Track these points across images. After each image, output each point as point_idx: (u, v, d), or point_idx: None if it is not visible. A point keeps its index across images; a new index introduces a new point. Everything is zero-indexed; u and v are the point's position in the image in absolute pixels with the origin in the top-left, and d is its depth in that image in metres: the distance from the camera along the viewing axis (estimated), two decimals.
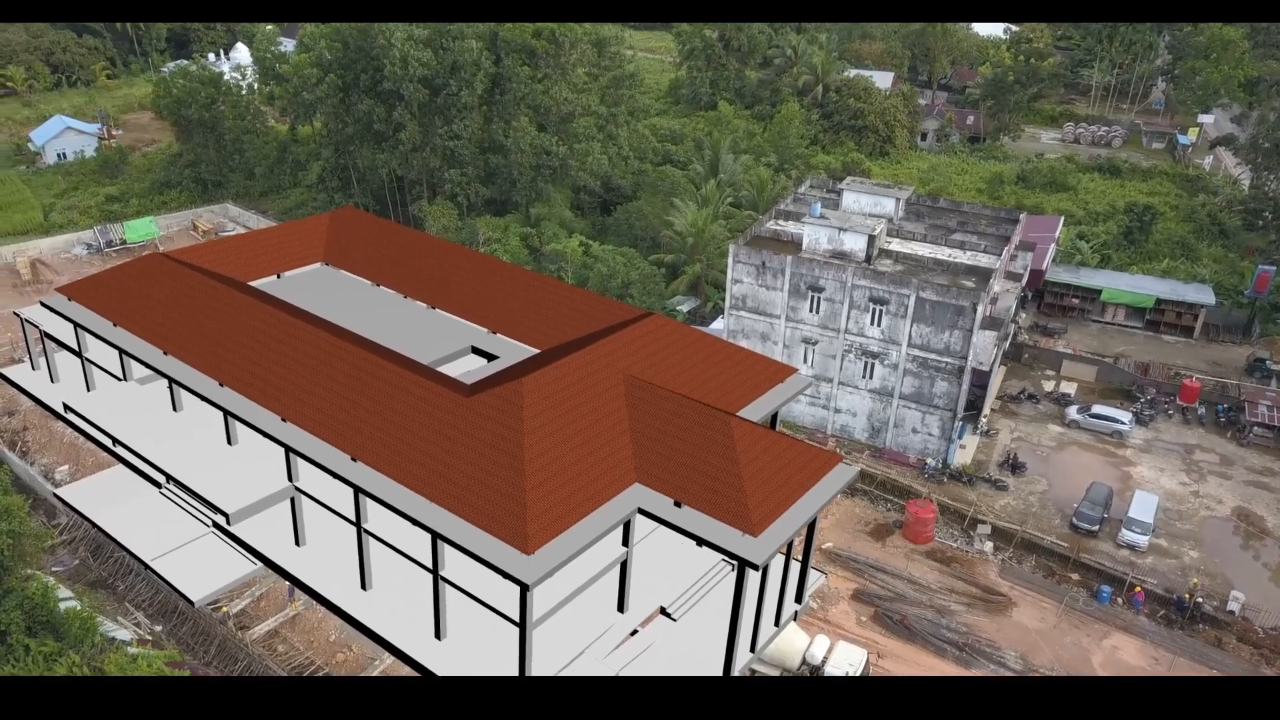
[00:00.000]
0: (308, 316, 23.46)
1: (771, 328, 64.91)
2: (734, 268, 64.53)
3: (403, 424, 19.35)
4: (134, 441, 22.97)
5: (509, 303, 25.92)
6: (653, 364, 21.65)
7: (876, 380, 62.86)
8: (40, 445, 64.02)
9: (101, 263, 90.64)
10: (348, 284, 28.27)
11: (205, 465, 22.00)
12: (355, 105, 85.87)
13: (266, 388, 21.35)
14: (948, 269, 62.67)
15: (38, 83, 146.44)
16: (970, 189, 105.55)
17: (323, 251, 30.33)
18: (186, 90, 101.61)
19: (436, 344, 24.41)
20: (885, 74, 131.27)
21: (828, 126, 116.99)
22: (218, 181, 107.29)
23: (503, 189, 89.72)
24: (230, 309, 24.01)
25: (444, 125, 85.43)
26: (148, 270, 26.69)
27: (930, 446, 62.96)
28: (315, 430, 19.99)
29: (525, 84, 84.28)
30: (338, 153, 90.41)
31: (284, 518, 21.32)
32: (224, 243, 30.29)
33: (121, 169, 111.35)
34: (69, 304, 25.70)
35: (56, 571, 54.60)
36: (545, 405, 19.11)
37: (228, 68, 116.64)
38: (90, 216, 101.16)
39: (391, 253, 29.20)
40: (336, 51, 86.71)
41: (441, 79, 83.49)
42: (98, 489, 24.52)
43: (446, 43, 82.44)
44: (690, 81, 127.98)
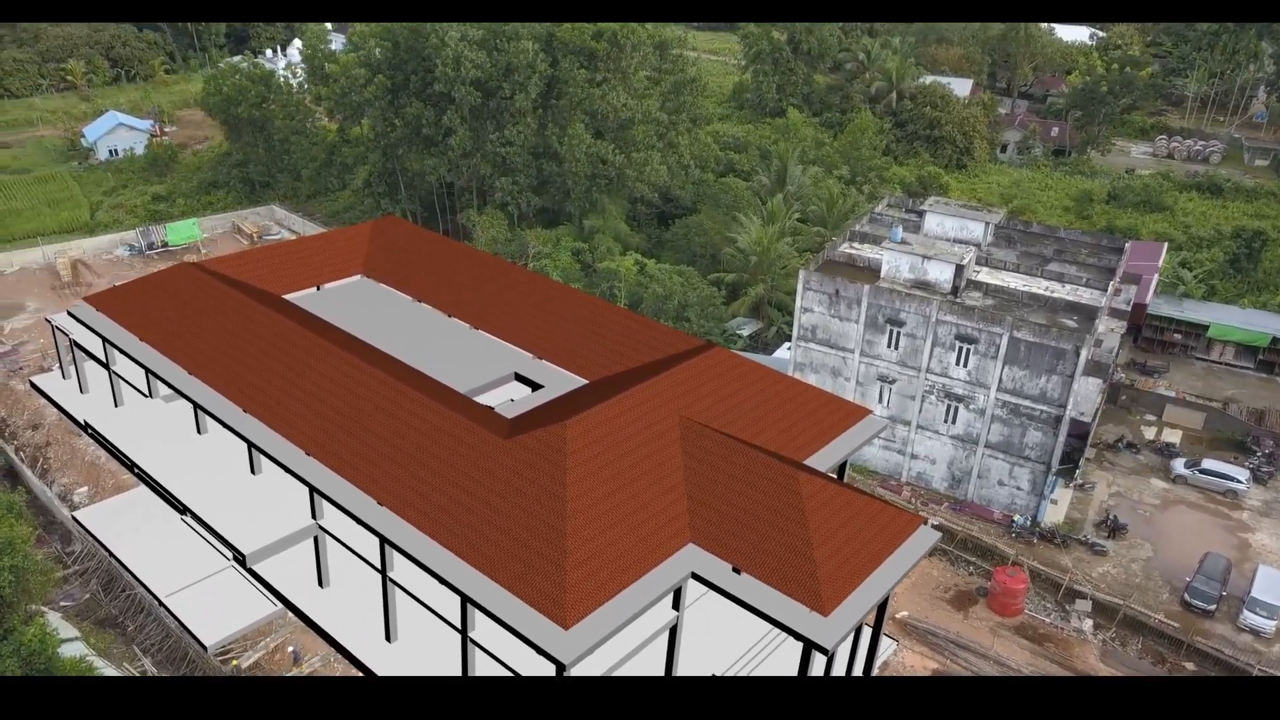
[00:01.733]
0: (340, 338, 22.22)
1: (844, 363, 58.96)
2: (804, 295, 58.72)
3: (435, 467, 18.06)
4: (153, 466, 21.85)
5: (557, 326, 24.37)
6: (712, 404, 20.03)
7: (960, 426, 56.55)
8: (61, 463, 60.80)
9: (143, 265, 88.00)
10: (387, 299, 27.04)
11: (225, 496, 20.75)
12: (404, 108, 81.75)
13: (292, 417, 20.09)
14: (1045, 305, 56.07)
15: (96, 77, 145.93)
16: (1056, 207, 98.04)
17: (362, 263, 29.03)
18: (236, 88, 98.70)
19: (477, 369, 23.12)
20: (963, 81, 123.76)
21: (901, 136, 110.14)
22: (265, 182, 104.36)
23: (555, 198, 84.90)
24: (258, 327, 22.82)
25: (495, 131, 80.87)
26: (177, 281, 25.56)
27: (1018, 501, 56.46)
28: (341, 469, 18.65)
29: (582, 88, 79.32)
30: (385, 157, 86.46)
31: (308, 555, 19.92)
32: (261, 252, 29.34)
33: (170, 167, 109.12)
34: (96, 314, 24.71)
35: (65, 606, 51.06)
36: (591, 452, 17.63)
37: (281, 65, 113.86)
38: (136, 216, 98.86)
39: (434, 267, 27.85)
40: (386, 51, 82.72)
41: (494, 82, 78.93)
42: (116, 513, 23.68)
43: (501, 43, 77.82)
44: (755, 86, 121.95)
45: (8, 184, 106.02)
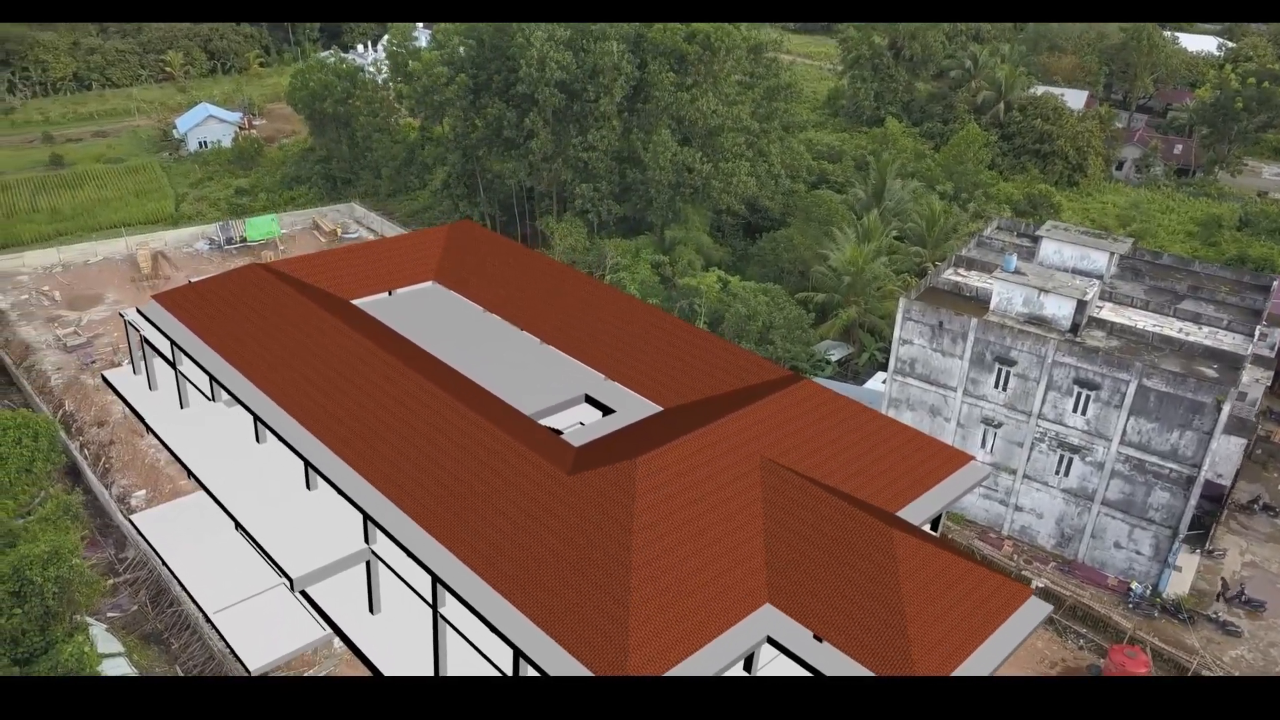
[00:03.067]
0: (404, 352, 21.58)
1: (945, 401, 53.68)
2: (903, 326, 53.64)
3: (494, 500, 17.15)
4: (209, 475, 21.50)
5: (632, 346, 23.26)
6: (797, 445, 18.64)
7: (1074, 479, 50.76)
8: (123, 464, 59.58)
9: (221, 261, 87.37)
10: (457, 309, 26.40)
11: (278, 512, 20.00)
12: (486, 108, 79.07)
13: (350, 436, 19.38)
14: (1180, 350, 49.88)
15: (194, 69, 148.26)
16: (1178, 232, 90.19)
17: (435, 269, 28.28)
18: (322, 84, 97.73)
19: (546, 389, 22.20)
20: (1078, 92, 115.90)
21: (1008, 150, 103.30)
22: (347, 179, 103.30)
23: (637, 207, 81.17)
24: (323, 337, 22.20)
25: (578, 135, 77.52)
26: (246, 283, 25.08)
27: (1138, 567, 50.40)
28: (395, 495, 17.90)
29: (669, 92, 75.36)
30: (465, 158, 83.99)
31: (360, 578, 19.15)
32: (334, 254, 28.78)
33: (255, 161, 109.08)
34: (164, 313, 24.51)
35: (113, 618, 49.42)
36: (662, 494, 16.46)
37: (369, 61, 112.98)
38: (218, 209, 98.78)
39: (507, 276, 27.04)
40: (470, 50, 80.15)
41: (579, 84, 75.56)
42: (173, 518, 23.38)
43: (587, 44, 74.40)
44: (852, 92, 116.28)
45: (100, 173, 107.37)
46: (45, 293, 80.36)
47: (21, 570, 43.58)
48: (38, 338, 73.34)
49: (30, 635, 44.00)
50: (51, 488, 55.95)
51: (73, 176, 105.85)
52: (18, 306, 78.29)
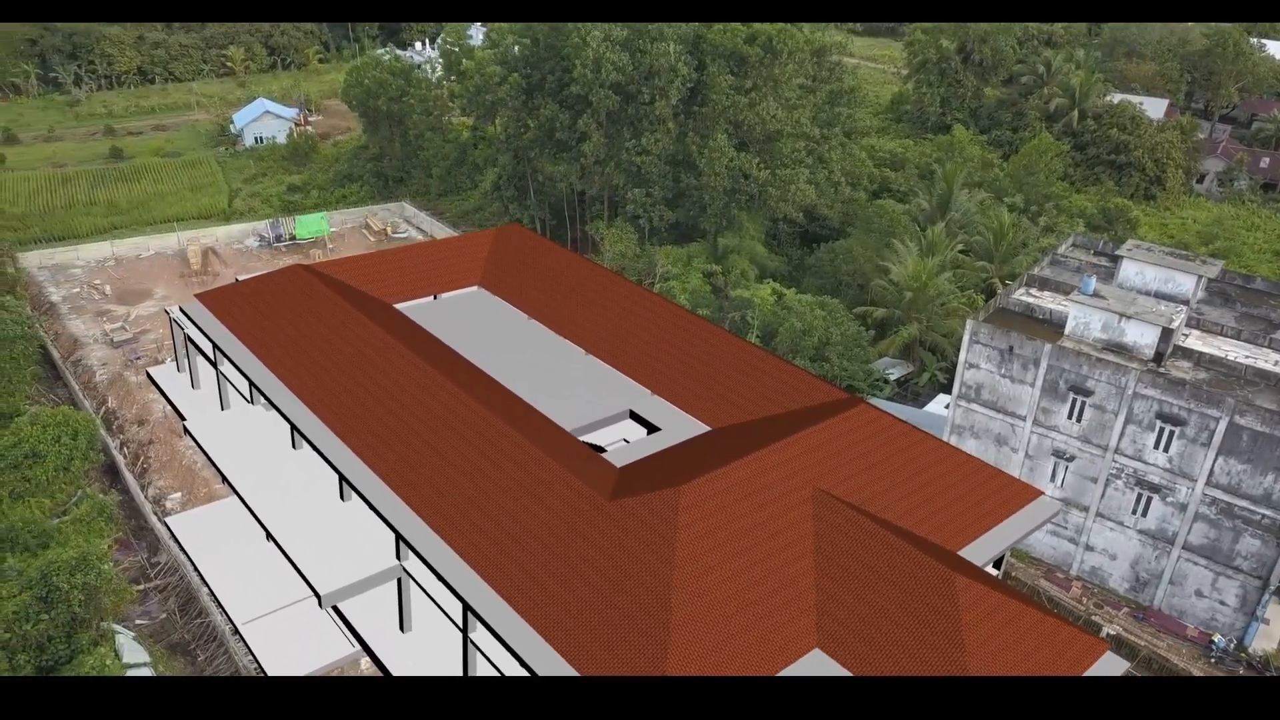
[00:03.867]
0: (444, 362, 21.06)
1: (1012, 430, 50.29)
2: (970, 348, 50.37)
3: (530, 525, 16.48)
4: (243, 482, 21.12)
5: (680, 360, 22.54)
6: (853, 474, 17.75)
7: (1152, 520, 47.07)
8: (161, 464, 58.81)
9: (269, 258, 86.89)
10: (501, 315, 25.99)
11: (311, 523, 19.51)
12: (538, 109, 77.22)
13: (384, 450, 18.92)
14: (1277, 385, 45.92)
15: (254, 64, 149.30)
16: (1265, 251, 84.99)
17: (481, 274, 28.03)
18: (377, 81, 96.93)
19: (589, 403, 21.64)
20: (1157, 100, 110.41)
21: (1081, 160, 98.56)
22: (399, 178, 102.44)
23: (690, 213, 78.66)
24: (362, 344, 21.80)
25: (632, 138, 75.25)
26: (288, 284, 24.77)
27: (1220, 618, 46.55)
28: (429, 515, 17.26)
29: (727, 96, 72.70)
30: (516, 159, 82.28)
31: (392, 594, 18.65)
32: (379, 256, 28.39)
33: (309, 157, 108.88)
34: (206, 313, 24.28)
35: (141, 625, 48.38)
36: (707, 526, 15.66)
37: (423, 59, 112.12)
38: (270, 206, 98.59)
39: (553, 283, 26.50)
40: (524, 49, 78.34)
41: (634, 85, 73.29)
42: (207, 522, 23.15)
43: (644, 45, 72.07)
44: (917, 98, 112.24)
45: (157, 167, 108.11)
46: (96, 286, 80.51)
47: (49, 576, 42.73)
48: (86, 332, 73.30)
49: (56, 642, 43.13)
50: (88, 487, 55.38)
51: (131, 170, 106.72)
52: (69, 300, 78.49)
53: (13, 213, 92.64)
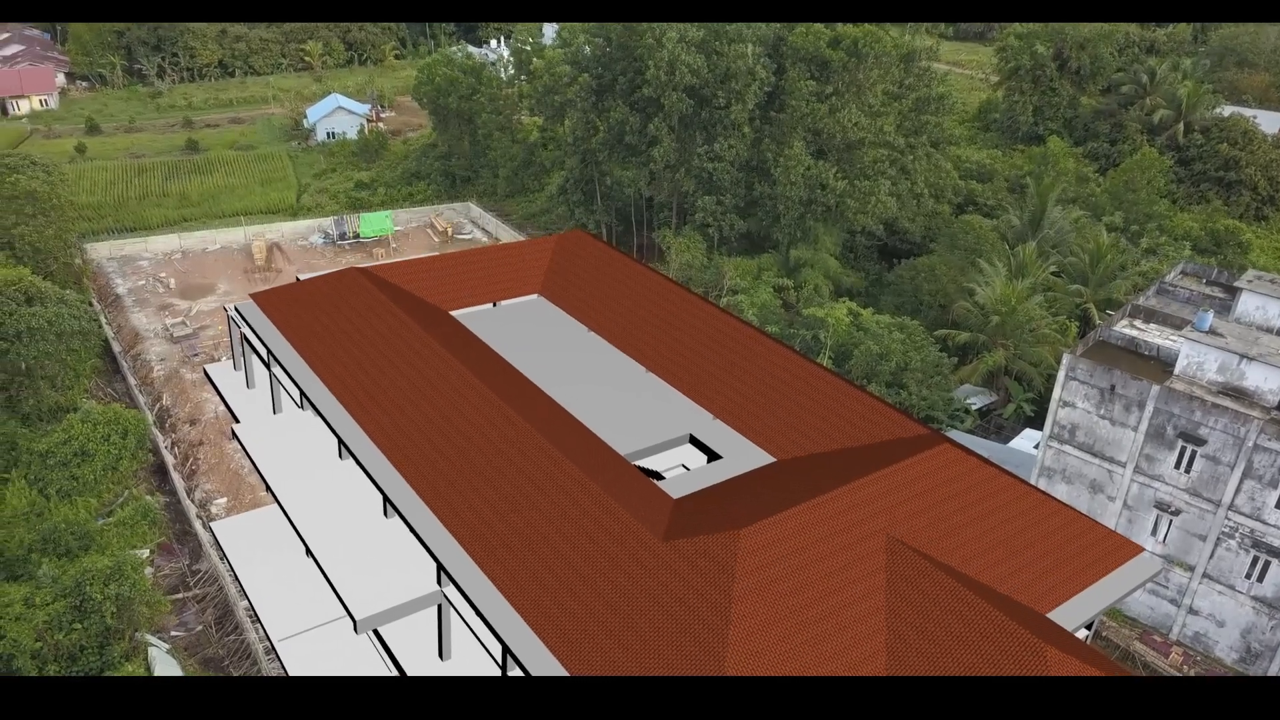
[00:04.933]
0: (496, 377, 20.52)
1: (1110, 478, 45.71)
2: (1065, 385, 45.94)
3: (577, 563, 15.46)
4: (287, 490, 20.59)
5: (746, 383, 21.54)
6: (931, 522, 16.24)
7: (1269, 585, 42.11)
8: (209, 466, 57.68)
9: (333, 256, 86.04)
10: (560, 326, 25.33)
11: (352, 540, 18.91)
12: (609, 111, 74.51)
13: (430, 472, 18.29)
14: None
15: (331, 59, 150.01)
16: None
17: (541, 282, 27.31)
18: (448, 79, 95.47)
19: (647, 425, 20.85)
20: (1272, 114, 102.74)
21: (1185, 177, 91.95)
22: (467, 178, 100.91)
23: (762, 223, 75.13)
24: (414, 356, 21.23)
25: (704, 143, 72.04)
26: (343, 288, 24.37)
27: None
28: (471, 547, 16.45)
29: (807, 101, 68.95)
30: (584, 162, 79.72)
31: (432, 620, 18.08)
32: (439, 261, 27.87)
33: (379, 154, 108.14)
34: (259, 315, 24.00)
35: (176, 637, 46.97)
36: (767, 575, 14.41)
37: (493, 57, 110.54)
38: (337, 202, 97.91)
39: (615, 294, 25.68)
40: (596, 49, 75.70)
41: (709, 89, 70.06)
42: (252, 529, 22.90)
43: (720, 46, 68.79)
44: (1008, 106, 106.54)
45: (230, 160, 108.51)
46: (161, 279, 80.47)
47: (83, 585, 41.46)
48: (147, 326, 73.05)
49: (88, 653, 41.89)
50: (135, 488, 54.46)
51: (204, 162, 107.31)
52: (134, 292, 78.52)
53: (89, 202, 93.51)
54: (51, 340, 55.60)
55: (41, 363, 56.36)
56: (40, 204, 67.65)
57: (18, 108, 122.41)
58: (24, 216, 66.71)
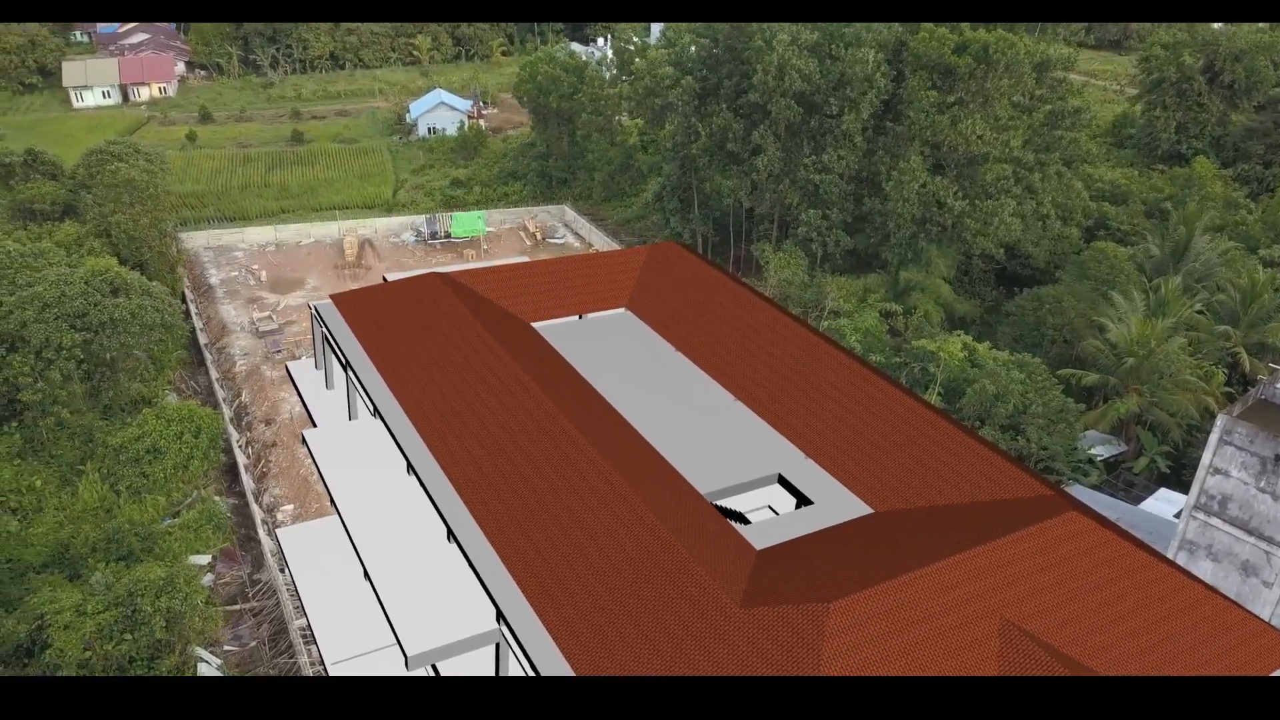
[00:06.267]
0: (573, 397, 19.87)
1: (1267, 560, 39.44)
2: (1219, 450, 39.84)
3: (643, 622, 14.33)
4: (349, 506, 19.71)
5: (844, 419, 19.97)
6: (1054, 605, 14.64)
7: None
8: (280, 470, 56.28)
9: (423, 255, 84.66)
10: (645, 345, 24.49)
11: (412, 565, 17.71)
12: (711, 116, 70.57)
13: (494, 501, 17.29)
14: None
15: (439, 54, 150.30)
16: None
17: (629, 295, 26.32)
18: (549, 77, 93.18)
19: (733, 461, 19.46)
20: None
21: None
22: (563, 179, 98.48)
23: (870, 241, 70.03)
24: (489, 372, 20.53)
25: (812, 153, 67.44)
26: (423, 294, 23.94)
27: None
28: (533, 595, 15.33)
29: (927, 113, 63.60)
30: (683, 169, 76.03)
31: (490, 658, 17.23)
32: (524, 269, 27.17)
33: (477, 152, 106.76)
34: (337, 317, 23.60)
35: (229, 652, 45.27)
36: (860, 658, 13.15)
37: (596, 57, 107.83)
38: (432, 199, 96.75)
39: (707, 312, 24.80)
40: (702, 50, 71.86)
41: (821, 95, 65.42)
42: (317, 538, 22.58)
43: (836, 50, 64.09)
44: (1147, 121, 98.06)
45: (332, 152, 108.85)
46: (253, 271, 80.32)
47: (135, 596, 39.96)
48: (235, 318, 72.71)
49: (137, 665, 40.40)
50: (204, 488, 53.31)
51: (307, 154, 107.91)
52: (226, 283, 78.52)
53: (193, 191, 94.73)
54: (135, 332, 54.98)
55: (124, 355, 55.85)
56: (138, 193, 67.76)
57: (138, 95, 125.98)
58: (121, 205, 66.90)
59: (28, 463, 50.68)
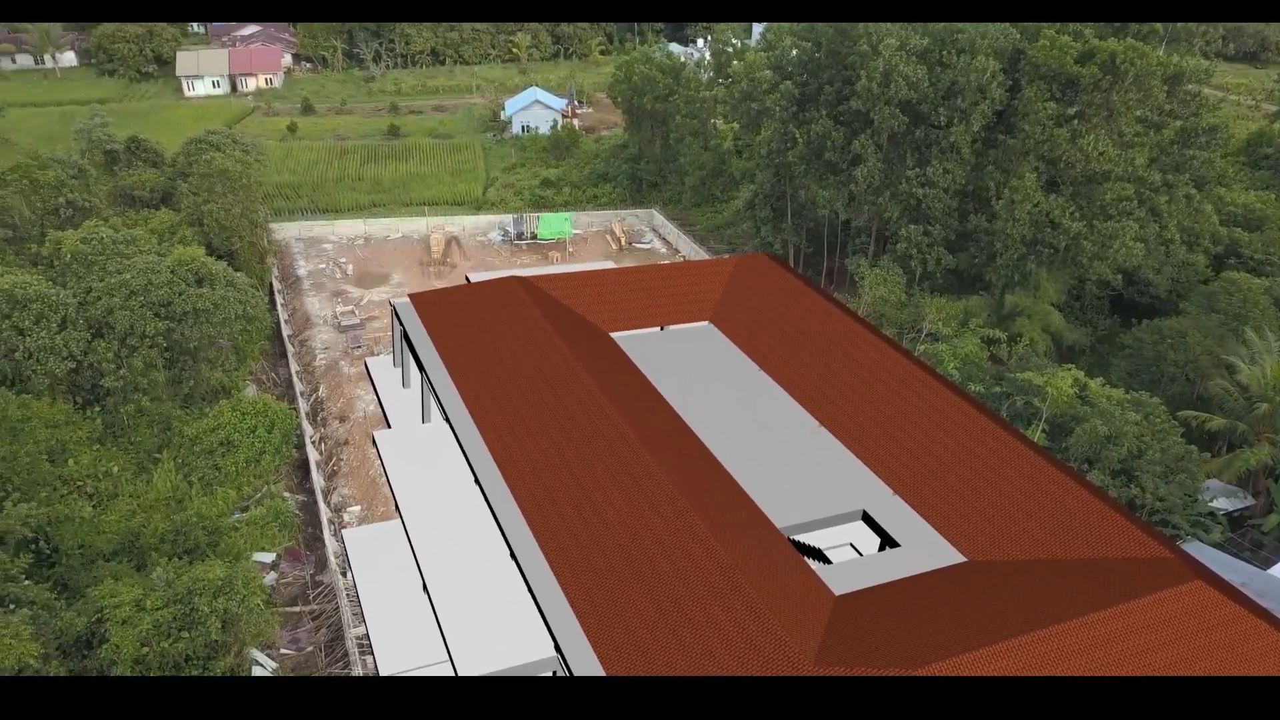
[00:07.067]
0: (647, 416, 19.13)
1: None
2: None
3: (706, 668, 13.87)
4: (414, 513, 19.51)
5: (937, 455, 18.81)
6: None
7: None
8: (350, 469, 55.63)
9: (508, 255, 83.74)
10: (728, 362, 23.45)
11: (474, 582, 17.48)
12: (810, 123, 67.37)
13: (558, 524, 16.49)
14: None
15: (538, 51, 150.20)
16: None
17: (714, 308, 25.62)
18: (645, 77, 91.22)
19: (814, 493, 18.56)
20: None
21: None
22: (654, 183, 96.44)
23: (974, 260, 65.80)
24: (563, 387, 19.77)
25: (915, 166, 63.66)
26: (500, 299, 23.78)
27: None
28: (589, 623, 14.71)
29: (1044, 126, 59.18)
30: (777, 177, 72.98)
31: None
32: (607, 276, 26.54)
33: (569, 151, 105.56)
34: (415, 318, 23.43)
35: (286, 656, 44.52)
36: None
37: (696, 57, 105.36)
38: (521, 198, 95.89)
39: (794, 330, 23.82)
40: (803, 53, 68.72)
41: (928, 105, 61.63)
42: (383, 541, 22.29)
43: (947, 57, 60.22)
44: None
45: (426, 148, 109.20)
46: (341, 264, 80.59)
47: (193, 595, 39.39)
48: (319, 311, 72.86)
49: (192, 664, 39.84)
50: (275, 484, 52.94)
51: (402, 148, 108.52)
52: (313, 275, 78.92)
53: (289, 182, 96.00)
54: (216, 323, 55.04)
55: (206, 344, 56.00)
56: (231, 183, 68.33)
57: (246, 85, 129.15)
58: (215, 195, 67.53)
59: (107, 448, 51.04)
